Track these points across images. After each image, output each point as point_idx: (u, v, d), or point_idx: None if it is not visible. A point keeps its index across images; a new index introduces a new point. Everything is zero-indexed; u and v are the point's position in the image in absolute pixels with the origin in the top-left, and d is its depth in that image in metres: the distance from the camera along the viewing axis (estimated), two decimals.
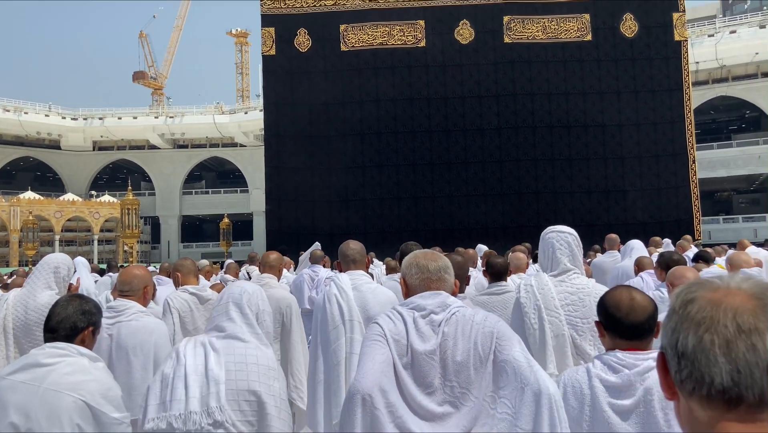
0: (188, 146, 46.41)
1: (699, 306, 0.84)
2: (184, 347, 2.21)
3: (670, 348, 0.86)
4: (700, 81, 33.00)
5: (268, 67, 17.93)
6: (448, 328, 1.94)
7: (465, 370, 1.88)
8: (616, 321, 1.98)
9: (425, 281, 2.08)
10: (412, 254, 2.19)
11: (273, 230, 17.43)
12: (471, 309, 2.03)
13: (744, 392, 0.78)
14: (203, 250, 44.19)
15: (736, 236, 23.39)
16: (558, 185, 17.21)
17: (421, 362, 1.91)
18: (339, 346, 3.24)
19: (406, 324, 1.97)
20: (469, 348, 1.90)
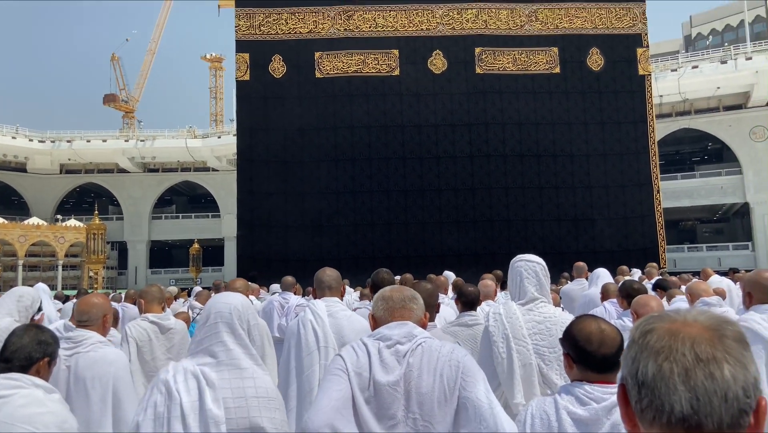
0: (159, 170, 45.83)
1: (658, 336, 0.86)
2: (173, 378, 2.01)
3: (630, 378, 0.87)
4: (665, 114, 34.04)
5: (242, 93, 17.94)
6: (413, 359, 1.93)
7: (429, 402, 1.87)
8: (587, 354, 1.95)
9: (390, 311, 2.09)
10: (380, 292, 2.19)
11: (244, 256, 17.24)
12: (438, 341, 2.02)
13: (703, 420, 0.80)
14: (172, 276, 43.37)
15: (701, 264, 23.94)
16: (528, 213, 17.46)
17: (383, 394, 1.90)
18: (312, 372, 3.20)
19: (369, 356, 1.96)
20: (434, 380, 1.89)
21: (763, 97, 33.07)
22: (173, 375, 2.01)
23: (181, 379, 2.00)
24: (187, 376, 2.01)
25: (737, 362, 0.82)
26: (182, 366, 2.05)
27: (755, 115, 34.33)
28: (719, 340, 0.83)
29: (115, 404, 3.17)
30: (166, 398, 1.96)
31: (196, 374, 2.01)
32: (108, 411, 3.14)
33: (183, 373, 2.02)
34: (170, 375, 2.02)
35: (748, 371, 0.82)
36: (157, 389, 2.00)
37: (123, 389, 3.22)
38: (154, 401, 1.97)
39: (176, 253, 50.39)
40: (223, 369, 2.05)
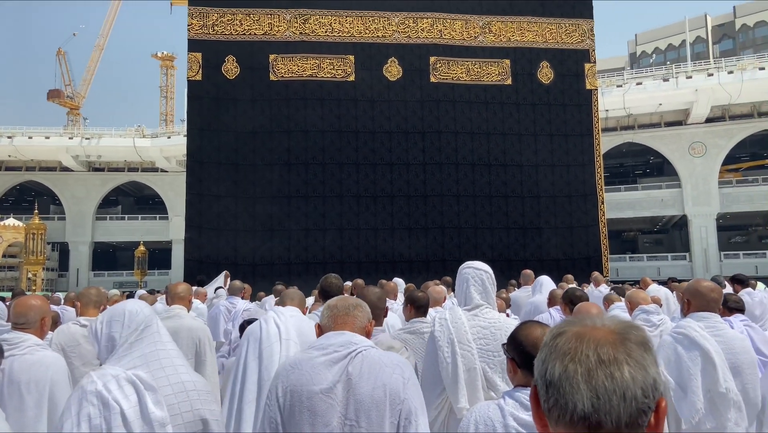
0: (104, 169, 44.36)
1: (566, 338, 0.91)
2: (104, 388, 1.92)
3: (540, 378, 0.93)
4: (610, 128, 35.28)
5: (194, 93, 17.59)
6: (351, 367, 1.94)
7: (366, 409, 1.88)
8: (533, 360, 2.00)
9: (333, 319, 2.10)
10: (327, 301, 2.23)
11: (192, 260, 16.86)
12: (382, 351, 2.02)
13: (603, 418, 0.84)
14: (116, 279, 42.00)
15: (641, 273, 24.88)
16: (479, 221, 17.75)
17: (317, 402, 1.90)
18: (272, 363, 3.19)
19: (301, 369, 1.96)
20: (374, 388, 1.90)
21: (702, 114, 34.73)
22: (104, 385, 1.92)
23: (115, 387, 1.93)
24: (120, 383, 1.94)
25: (637, 364, 0.86)
26: (110, 373, 1.96)
27: (694, 131, 36.00)
28: (622, 343, 0.88)
29: (51, 409, 3.07)
30: (102, 410, 1.88)
31: (130, 379, 1.96)
32: (43, 417, 3.04)
33: (115, 381, 1.94)
34: (100, 385, 1.92)
35: (648, 373, 0.87)
36: (87, 401, 1.89)
37: (60, 395, 3.12)
38: (87, 415, 1.87)
39: (121, 255, 48.85)
40: (158, 368, 2.02)
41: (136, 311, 2.16)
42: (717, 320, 3.04)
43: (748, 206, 35.90)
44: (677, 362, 2.97)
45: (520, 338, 2.06)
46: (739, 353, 2.98)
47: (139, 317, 2.14)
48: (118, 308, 2.20)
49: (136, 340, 2.07)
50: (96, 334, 2.10)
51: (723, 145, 35.76)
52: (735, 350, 2.98)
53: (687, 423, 2.89)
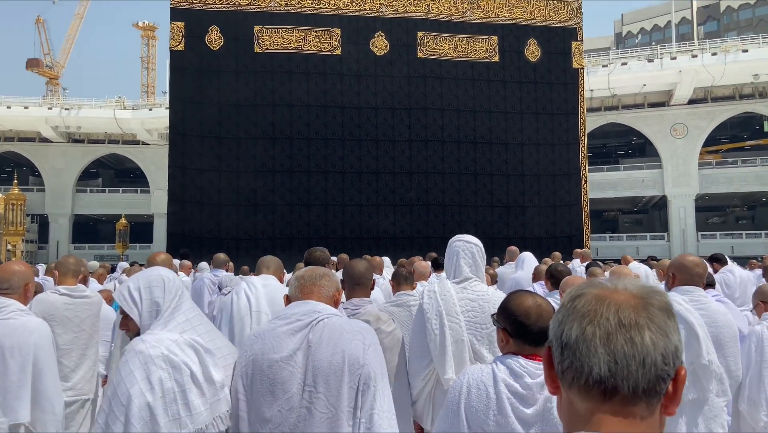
0: (84, 141, 43.54)
1: (585, 300, 0.89)
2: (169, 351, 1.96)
3: (555, 340, 0.90)
4: (594, 108, 35.41)
5: (176, 64, 17.26)
6: (312, 334, 1.95)
7: (324, 375, 1.90)
8: (525, 328, 1.99)
9: (300, 288, 2.12)
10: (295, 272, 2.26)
11: (175, 233, 16.71)
12: (339, 317, 2.04)
13: (620, 384, 0.82)
14: (97, 252, 41.52)
15: (621, 252, 25.23)
16: (463, 199, 17.81)
17: (276, 370, 1.92)
18: (243, 338, 3.19)
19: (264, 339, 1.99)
20: (333, 354, 1.91)
21: (685, 96, 34.99)
22: (167, 348, 1.96)
23: (178, 351, 1.97)
24: (182, 347, 1.99)
25: (659, 330, 0.84)
26: (168, 338, 2.00)
27: (677, 112, 36.28)
28: (644, 307, 0.86)
29: (35, 375, 3.06)
30: (172, 373, 1.92)
31: (189, 343, 2.01)
32: (27, 382, 3.03)
33: (176, 345, 1.99)
34: (164, 349, 1.95)
35: (670, 340, 0.85)
36: (155, 365, 1.91)
37: (44, 360, 3.11)
38: (158, 379, 1.89)
39: (102, 228, 48.31)
40: (205, 333, 2.10)
41: (171, 277, 2.18)
42: (701, 293, 3.10)
43: (727, 188, 36.46)
44: None
45: (513, 307, 2.07)
46: (722, 326, 3.05)
47: (177, 282, 2.18)
48: (152, 273, 2.18)
49: (177, 305, 2.10)
50: (133, 299, 2.09)
51: (704, 126, 36.13)
52: (718, 324, 3.05)
53: None
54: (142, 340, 2.00)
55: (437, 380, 3.17)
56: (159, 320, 2.08)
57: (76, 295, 4.08)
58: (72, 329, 4.05)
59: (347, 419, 1.87)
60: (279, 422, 1.88)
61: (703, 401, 2.96)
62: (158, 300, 2.09)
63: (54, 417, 3.12)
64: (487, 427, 1.96)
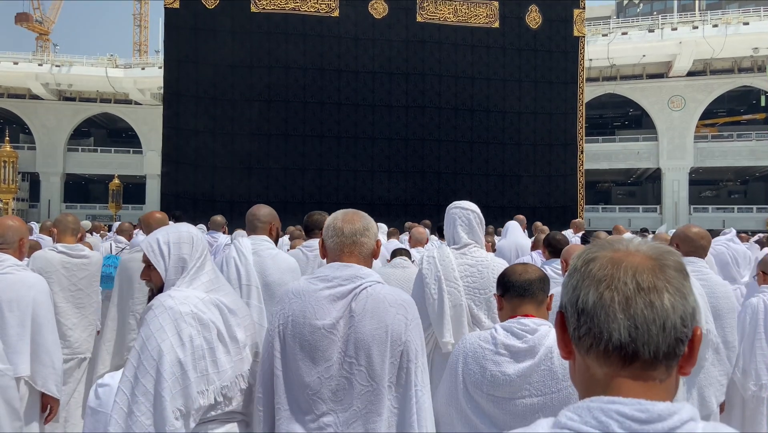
0: (76, 99, 42.91)
1: (600, 264, 0.86)
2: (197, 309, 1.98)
3: (570, 306, 0.88)
4: (592, 78, 35.11)
5: (171, 22, 16.90)
6: (356, 303, 1.90)
7: (366, 347, 1.86)
8: (512, 282, 2.11)
9: (339, 246, 2.03)
10: (333, 215, 2.15)
11: (168, 194, 16.64)
12: (382, 285, 1.98)
13: (640, 349, 0.81)
14: (89, 212, 41.36)
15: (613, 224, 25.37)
16: (459, 166, 17.76)
17: (318, 337, 1.88)
18: None
19: (303, 301, 1.94)
20: (376, 327, 1.88)
21: (684, 68, 34.73)
22: (195, 306, 1.97)
23: (206, 309, 2.00)
24: (208, 306, 2.01)
25: (677, 292, 0.83)
26: (195, 296, 2.01)
27: (674, 84, 36.08)
28: (661, 269, 0.84)
29: (35, 329, 3.07)
30: (201, 330, 1.95)
31: (215, 302, 2.03)
32: (26, 336, 3.04)
33: (203, 303, 2.00)
34: (192, 307, 1.97)
35: (687, 301, 0.84)
36: (185, 322, 1.92)
37: (43, 315, 3.12)
38: (189, 335, 1.91)
39: (93, 188, 48.05)
40: (227, 294, 2.14)
41: (199, 236, 2.17)
42: (702, 265, 3.13)
43: (721, 162, 36.55)
44: None
45: (504, 271, 2.20)
46: (721, 298, 3.09)
47: (203, 242, 2.17)
48: (181, 229, 2.16)
49: (202, 264, 2.10)
50: (161, 252, 2.07)
51: (701, 99, 36.00)
52: (717, 295, 3.09)
53: None
54: (170, 296, 1.99)
55: (435, 343, 3.22)
56: (185, 277, 2.07)
57: (74, 254, 4.07)
58: (68, 287, 4.05)
59: (387, 393, 1.86)
60: (317, 388, 1.87)
61: (698, 370, 3.03)
62: (185, 257, 2.08)
63: (54, 371, 3.15)
64: (482, 388, 2.01)
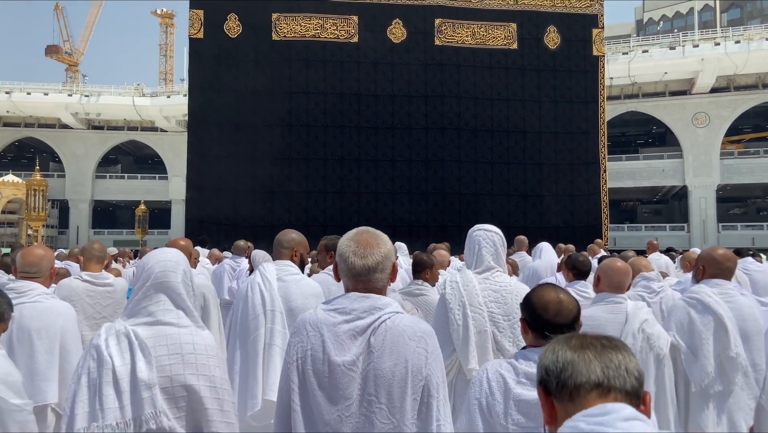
0: (104, 128, 43.99)
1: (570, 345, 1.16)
2: (104, 342, 1.90)
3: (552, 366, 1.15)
4: (614, 96, 34.90)
5: (195, 51, 17.32)
6: (374, 338, 1.83)
7: (387, 385, 1.81)
8: (543, 322, 2.00)
9: (353, 282, 1.94)
10: (346, 239, 1.99)
11: (193, 219, 16.89)
12: (402, 316, 1.90)
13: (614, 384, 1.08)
14: (116, 237, 42.07)
15: (639, 243, 24.95)
16: (480, 187, 17.72)
17: (338, 374, 1.82)
18: (258, 336, 3.16)
19: (323, 335, 1.87)
20: (396, 363, 1.82)
21: (707, 84, 34.34)
22: (105, 339, 1.91)
23: (113, 342, 1.90)
24: (119, 338, 1.91)
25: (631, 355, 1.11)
26: (114, 328, 1.94)
27: (698, 101, 35.65)
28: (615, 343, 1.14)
29: (63, 356, 3.10)
30: (99, 364, 1.88)
31: (128, 334, 1.91)
32: (55, 363, 3.07)
33: (115, 336, 1.92)
34: (102, 339, 1.91)
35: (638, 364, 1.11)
36: (89, 355, 1.90)
37: (71, 342, 3.15)
38: (87, 368, 1.88)
39: (121, 214, 48.88)
40: (160, 327, 1.94)
41: (149, 263, 2.05)
42: (729, 287, 3.07)
43: (749, 178, 35.82)
44: (690, 326, 3.01)
45: (534, 300, 2.06)
46: (749, 320, 3.02)
47: (148, 271, 2.02)
48: (146, 256, 2.12)
49: (145, 296, 1.99)
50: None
51: (726, 116, 35.46)
52: (745, 317, 3.02)
53: (696, 386, 2.96)
54: (103, 326, 2.00)
55: (459, 369, 3.17)
56: (128, 305, 2.04)
57: (98, 282, 4.11)
58: (93, 315, 4.09)
59: (409, 429, 1.81)
60: (338, 426, 1.82)
61: (728, 394, 2.95)
62: (135, 285, 2.04)
63: None
64: (508, 415, 1.96)
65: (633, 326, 2.81)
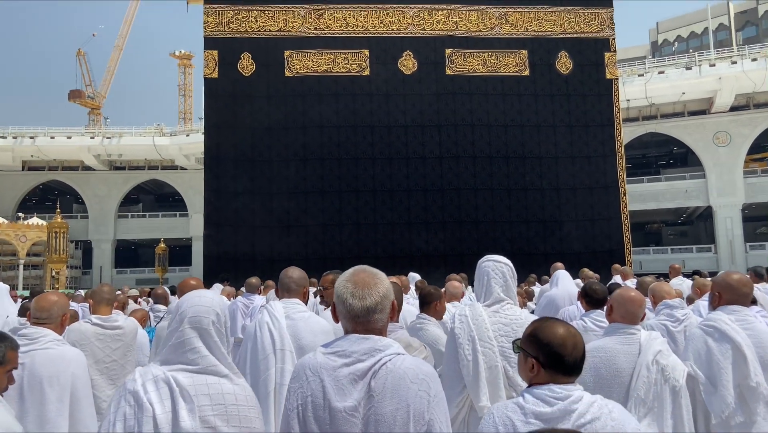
0: (125, 168, 44.94)
1: None
2: (142, 388, 1.81)
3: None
4: (631, 118, 34.74)
5: (211, 90, 17.66)
6: (375, 382, 1.79)
7: (387, 430, 1.76)
8: (561, 359, 1.95)
9: (352, 325, 1.91)
10: (344, 279, 1.94)
11: (211, 256, 16.96)
12: (403, 358, 1.85)
13: None
14: (138, 276, 42.58)
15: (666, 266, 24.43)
16: (497, 215, 17.56)
17: (339, 420, 1.78)
18: (269, 376, 3.10)
19: (323, 380, 1.82)
20: (398, 407, 1.77)
21: (726, 103, 34.03)
22: (142, 384, 1.83)
23: (152, 388, 1.82)
24: (158, 384, 1.83)
25: None
26: (152, 373, 1.85)
27: (718, 120, 35.30)
28: None
29: (74, 403, 3.09)
30: (136, 411, 1.79)
31: (168, 381, 1.83)
32: (65, 411, 3.05)
33: (153, 382, 1.83)
34: (139, 384, 1.83)
35: None
36: (125, 400, 1.80)
37: (82, 389, 3.13)
38: (123, 414, 1.79)
39: (143, 252, 49.52)
40: (202, 376, 1.87)
41: (186, 307, 1.97)
42: (747, 313, 2.94)
43: None
44: (707, 355, 2.87)
45: (546, 337, 1.98)
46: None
47: (191, 310, 1.94)
48: (179, 301, 2.04)
49: (179, 341, 1.91)
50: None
51: (747, 134, 35.03)
52: (764, 345, 2.87)
53: (717, 418, 2.80)
54: (133, 371, 1.91)
55: (471, 406, 3.06)
56: (160, 350, 1.96)
57: (107, 325, 4.09)
58: (103, 359, 4.06)
59: None
60: None
61: (750, 425, 2.78)
62: (163, 332, 2.02)
63: None
64: None
65: (647, 358, 2.67)
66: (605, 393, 1.93)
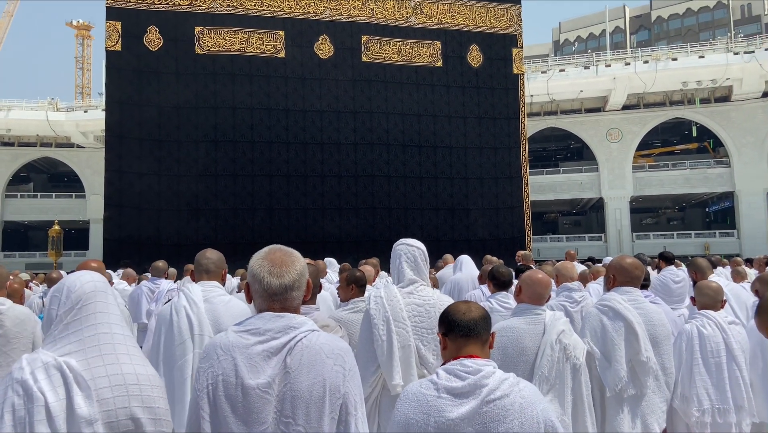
0: (14, 144, 41.41)
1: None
2: (31, 376, 1.67)
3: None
4: (534, 112, 36.34)
5: (113, 64, 16.66)
6: (290, 358, 1.78)
7: (304, 405, 1.76)
8: (455, 321, 2.05)
9: (268, 302, 1.88)
10: (258, 258, 1.93)
11: (112, 239, 16.11)
12: (318, 334, 1.85)
13: None
14: (28, 260, 39.58)
15: (561, 253, 25.96)
16: (409, 202, 17.93)
17: (252, 398, 1.75)
18: (185, 362, 3.03)
19: (235, 358, 1.79)
20: (312, 384, 1.77)
21: (619, 102, 36.41)
22: (31, 372, 1.68)
23: (42, 376, 1.68)
24: (49, 371, 1.69)
25: None
26: (41, 360, 1.71)
27: (611, 118, 37.71)
28: None
29: None
30: (26, 401, 1.65)
31: (59, 367, 1.70)
32: None
33: (44, 368, 1.69)
34: (27, 373, 1.68)
35: None
36: (13, 390, 1.66)
37: None
38: (11, 404, 1.65)
39: (33, 235, 46.03)
40: (96, 356, 1.75)
41: (75, 285, 1.84)
42: (638, 294, 3.22)
43: (659, 190, 38.14)
44: (602, 332, 3.13)
45: (446, 310, 2.14)
46: (657, 325, 3.17)
47: (76, 292, 1.82)
48: (61, 281, 1.90)
49: (74, 320, 1.78)
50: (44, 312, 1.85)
51: (637, 131, 37.68)
52: (653, 323, 3.17)
53: (611, 391, 3.07)
54: (20, 359, 1.75)
55: (384, 385, 3.15)
56: (49, 336, 1.80)
57: None
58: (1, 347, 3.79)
59: None
60: None
61: (641, 397, 3.08)
62: (52, 313, 1.83)
63: None
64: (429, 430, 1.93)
65: (551, 337, 2.88)
66: (511, 371, 2.05)
